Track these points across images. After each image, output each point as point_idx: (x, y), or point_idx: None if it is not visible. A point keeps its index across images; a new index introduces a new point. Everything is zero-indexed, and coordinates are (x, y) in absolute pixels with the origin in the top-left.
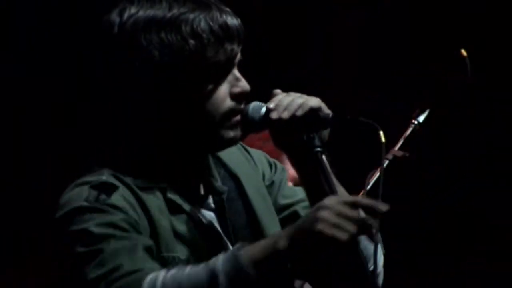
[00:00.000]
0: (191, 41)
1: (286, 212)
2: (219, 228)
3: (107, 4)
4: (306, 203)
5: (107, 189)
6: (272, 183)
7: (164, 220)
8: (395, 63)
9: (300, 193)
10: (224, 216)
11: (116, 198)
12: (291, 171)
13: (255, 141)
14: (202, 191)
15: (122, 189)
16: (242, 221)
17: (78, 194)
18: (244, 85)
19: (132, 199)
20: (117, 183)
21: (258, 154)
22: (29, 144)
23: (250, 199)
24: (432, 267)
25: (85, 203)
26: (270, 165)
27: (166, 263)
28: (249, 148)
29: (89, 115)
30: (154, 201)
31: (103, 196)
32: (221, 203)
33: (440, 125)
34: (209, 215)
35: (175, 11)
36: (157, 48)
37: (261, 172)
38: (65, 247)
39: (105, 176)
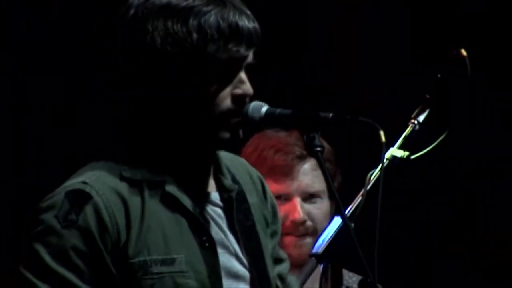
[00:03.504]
0: (195, 35)
1: None
2: (223, 225)
3: (107, 4)
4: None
5: (80, 200)
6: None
7: (153, 220)
8: (395, 63)
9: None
10: (231, 214)
11: (85, 216)
12: (303, 183)
13: (266, 150)
14: (209, 188)
15: (98, 198)
16: (249, 222)
17: (55, 203)
18: (247, 88)
19: (111, 205)
20: (96, 188)
21: (268, 189)
22: (29, 144)
23: (249, 205)
24: (432, 266)
25: (54, 222)
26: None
27: (147, 266)
28: (262, 179)
29: (90, 114)
30: (148, 199)
31: (72, 216)
32: (230, 201)
33: (440, 125)
34: (215, 211)
35: (189, 2)
36: (160, 35)
37: (268, 206)
38: (23, 251)
39: (90, 179)
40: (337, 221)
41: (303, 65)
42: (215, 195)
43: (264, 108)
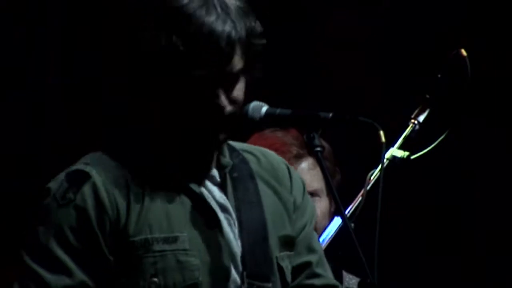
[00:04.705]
0: (175, 47)
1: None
2: (219, 201)
3: (106, 5)
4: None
5: (79, 179)
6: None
7: (156, 199)
8: (395, 63)
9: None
10: (226, 190)
11: (83, 195)
12: None
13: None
14: (213, 167)
15: (97, 177)
16: (252, 199)
17: (55, 184)
18: (220, 101)
19: (111, 185)
20: (96, 168)
21: (300, 180)
22: (29, 144)
23: (256, 183)
24: (432, 267)
25: (52, 201)
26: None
27: (148, 244)
28: (292, 170)
29: (90, 114)
30: (150, 179)
31: (69, 195)
32: (225, 177)
33: (440, 125)
34: (213, 188)
35: (182, 3)
36: (145, 39)
37: (294, 193)
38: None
39: (91, 160)
40: (337, 221)
41: (303, 65)
42: (214, 173)
43: (264, 108)
